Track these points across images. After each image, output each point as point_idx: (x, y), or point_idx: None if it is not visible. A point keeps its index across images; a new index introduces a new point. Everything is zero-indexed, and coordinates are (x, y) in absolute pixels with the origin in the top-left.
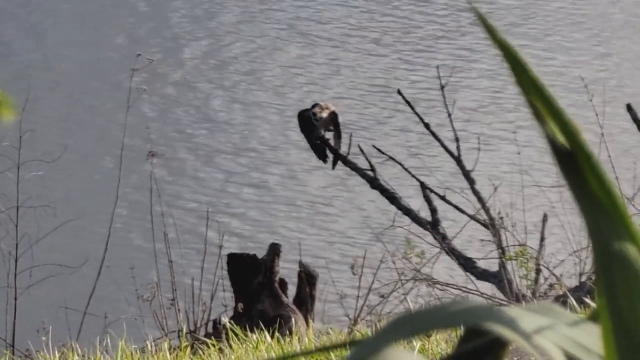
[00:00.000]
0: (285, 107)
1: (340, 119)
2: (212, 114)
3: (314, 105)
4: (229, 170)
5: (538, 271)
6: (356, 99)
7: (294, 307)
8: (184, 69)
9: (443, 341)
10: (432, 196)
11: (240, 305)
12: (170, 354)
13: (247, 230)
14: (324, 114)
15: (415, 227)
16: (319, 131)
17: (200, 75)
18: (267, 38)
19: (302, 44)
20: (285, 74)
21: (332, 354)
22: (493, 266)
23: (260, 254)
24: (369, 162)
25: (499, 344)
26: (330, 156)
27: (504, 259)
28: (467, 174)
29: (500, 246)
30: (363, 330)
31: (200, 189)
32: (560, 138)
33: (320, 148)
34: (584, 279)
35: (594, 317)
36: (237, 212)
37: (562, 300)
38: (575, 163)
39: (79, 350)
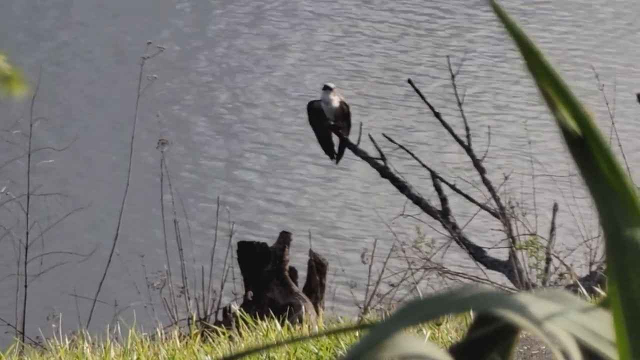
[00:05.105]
0: (298, 94)
1: (351, 110)
2: (224, 100)
3: (325, 87)
4: (239, 159)
5: (548, 260)
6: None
7: (304, 295)
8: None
9: (453, 330)
10: (442, 186)
11: (250, 294)
12: (180, 341)
13: (257, 219)
14: (335, 103)
15: (425, 216)
16: (328, 121)
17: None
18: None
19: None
20: (301, 63)
21: (341, 341)
22: (503, 255)
23: (271, 242)
24: (379, 151)
25: (510, 331)
26: (337, 151)
27: (514, 248)
28: (477, 164)
29: (510, 235)
30: (373, 318)
31: (210, 177)
32: (572, 124)
33: (327, 143)
34: (594, 268)
35: (604, 304)
36: (247, 201)
37: (572, 289)
38: (586, 149)
39: (89, 338)
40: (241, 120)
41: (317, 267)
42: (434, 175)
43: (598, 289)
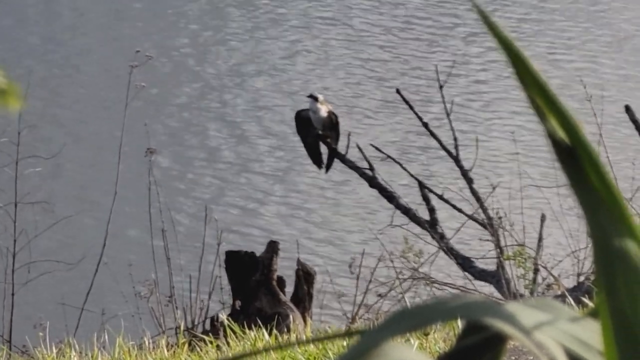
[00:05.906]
0: (284, 102)
1: (340, 119)
2: (212, 110)
3: (311, 96)
4: (227, 168)
5: (536, 271)
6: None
7: (291, 304)
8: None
9: (441, 340)
10: (430, 196)
11: (238, 303)
12: (167, 350)
13: (245, 228)
14: (323, 112)
15: (413, 226)
16: (316, 130)
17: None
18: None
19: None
20: (287, 69)
21: (329, 351)
22: (491, 266)
23: (259, 251)
24: (368, 161)
25: (499, 340)
26: (325, 161)
27: (502, 259)
28: (465, 174)
29: (498, 246)
30: (361, 328)
31: (198, 186)
32: (561, 134)
33: (315, 153)
34: (581, 279)
35: (593, 314)
36: (235, 210)
37: (560, 300)
38: (575, 159)
39: (77, 347)
40: (233, 126)
41: (305, 276)
42: (422, 186)
43: (585, 300)
